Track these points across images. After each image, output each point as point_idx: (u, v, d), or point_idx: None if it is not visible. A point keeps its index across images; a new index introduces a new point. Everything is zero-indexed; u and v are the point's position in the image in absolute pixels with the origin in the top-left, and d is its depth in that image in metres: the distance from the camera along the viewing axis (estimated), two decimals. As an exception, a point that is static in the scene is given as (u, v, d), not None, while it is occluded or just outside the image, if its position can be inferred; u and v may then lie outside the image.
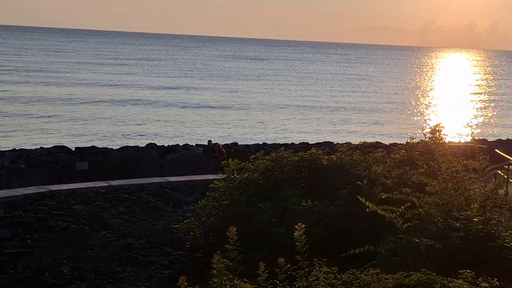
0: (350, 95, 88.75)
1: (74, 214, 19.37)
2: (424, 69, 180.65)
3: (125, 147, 33.09)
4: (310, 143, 37.19)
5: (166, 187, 23.69)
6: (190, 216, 17.28)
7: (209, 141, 31.28)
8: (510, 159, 19.82)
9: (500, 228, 11.04)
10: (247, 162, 16.81)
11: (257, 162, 16.60)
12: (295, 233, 9.08)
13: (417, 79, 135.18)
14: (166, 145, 34.72)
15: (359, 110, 72.09)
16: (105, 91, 78.61)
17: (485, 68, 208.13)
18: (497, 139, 43.38)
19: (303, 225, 9.13)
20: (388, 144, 35.03)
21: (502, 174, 18.58)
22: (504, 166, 19.26)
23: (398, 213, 11.41)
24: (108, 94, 74.37)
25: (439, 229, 11.41)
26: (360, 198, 12.03)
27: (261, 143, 38.10)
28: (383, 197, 12.87)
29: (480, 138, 45.62)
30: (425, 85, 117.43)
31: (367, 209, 11.61)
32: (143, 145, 34.00)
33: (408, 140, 18.61)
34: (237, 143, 37.43)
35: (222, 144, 33.49)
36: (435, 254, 10.55)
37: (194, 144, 35.52)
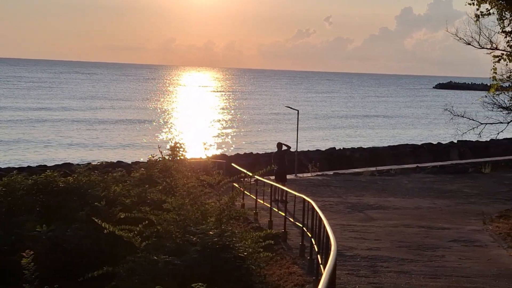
0: (91, 113, 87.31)
1: None
2: (167, 87, 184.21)
3: None
4: (48, 165, 35.74)
5: None
6: None
7: None
8: (245, 172, 20.79)
9: (234, 239, 11.51)
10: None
11: (-13, 188, 15.54)
12: (22, 261, 8.58)
13: (159, 97, 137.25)
14: None
15: (98, 130, 70.84)
16: None
17: (225, 85, 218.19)
18: (236, 154, 45.48)
19: (32, 252, 8.68)
20: (130, 163, 34.82)
21: (238, 187, 19.43)
22: (240, 179, 20.11)
23: (136, 232, 11.38)
24: None
25: (177, 245, 11.56)
26: (96, 220, 11.79)
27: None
28: (122, 216, 12.75)
29: (220, 153, 47.61)
30: (168, 103, 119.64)
31: (105, 230, 11.43)
32: None
33: (149, 158, 18.76)
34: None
35: None
36: (173, 269, 10.66)
37: None
